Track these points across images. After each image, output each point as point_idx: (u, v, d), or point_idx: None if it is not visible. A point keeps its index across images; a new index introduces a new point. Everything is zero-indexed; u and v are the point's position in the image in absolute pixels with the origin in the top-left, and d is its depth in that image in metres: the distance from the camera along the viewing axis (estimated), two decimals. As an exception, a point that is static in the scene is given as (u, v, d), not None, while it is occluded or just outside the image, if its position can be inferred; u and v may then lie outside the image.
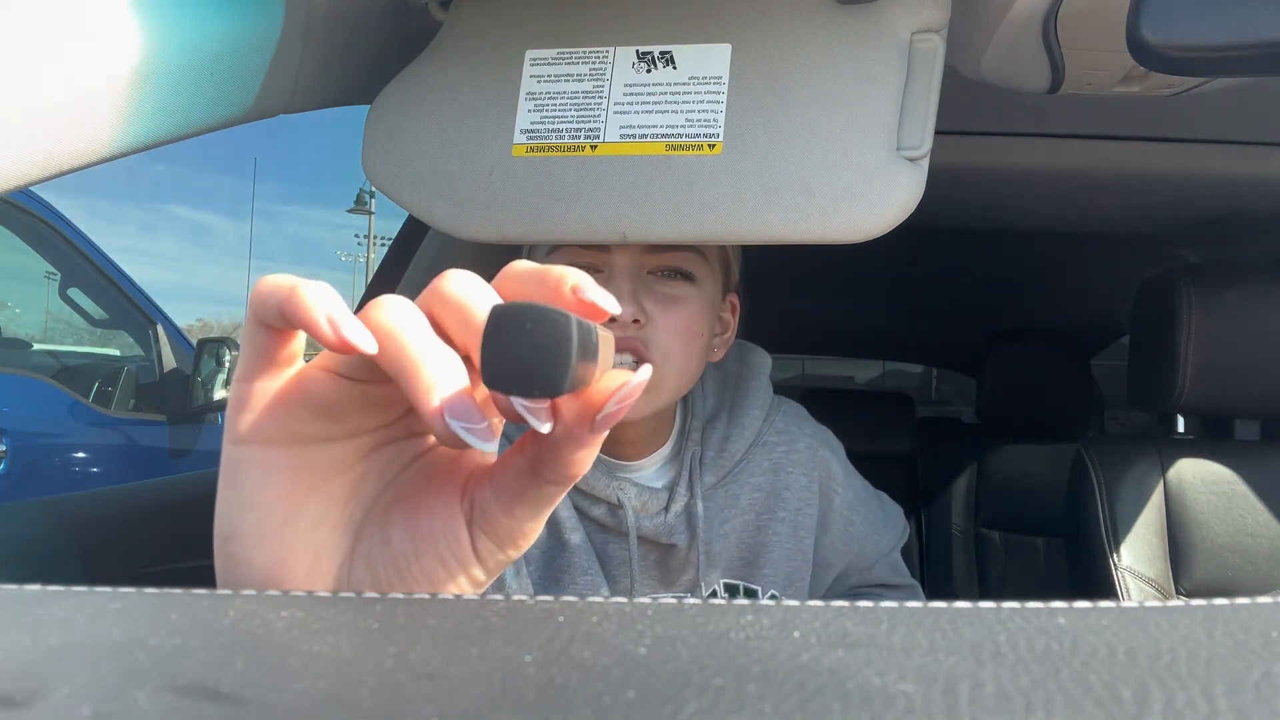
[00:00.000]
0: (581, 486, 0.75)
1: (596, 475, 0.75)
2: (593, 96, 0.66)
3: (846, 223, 0.60)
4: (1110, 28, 0.63)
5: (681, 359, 0.70)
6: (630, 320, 0.67)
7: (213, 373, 2.70)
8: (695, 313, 0.71)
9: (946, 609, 0.21)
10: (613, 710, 0.15)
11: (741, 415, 0.79)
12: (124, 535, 0.98)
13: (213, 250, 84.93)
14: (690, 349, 0.71)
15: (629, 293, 0.67)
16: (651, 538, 0.75)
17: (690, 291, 0.71)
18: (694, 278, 0.71)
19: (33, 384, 2.57)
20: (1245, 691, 0.16)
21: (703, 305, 0.72)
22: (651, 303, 0.69)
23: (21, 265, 2.87)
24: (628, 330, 0.67)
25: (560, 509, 0.77)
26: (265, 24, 0.60)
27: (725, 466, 0.78)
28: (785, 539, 0.78)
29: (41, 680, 0.17)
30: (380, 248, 25.34)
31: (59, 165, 0.48)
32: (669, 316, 0.69)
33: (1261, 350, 1.15)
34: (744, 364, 0.83)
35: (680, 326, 0.69)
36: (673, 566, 0.76)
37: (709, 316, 0.73)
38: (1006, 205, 1.41)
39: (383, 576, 0.29)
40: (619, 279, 0.68)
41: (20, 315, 3.27)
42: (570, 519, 0.75)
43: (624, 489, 0.75)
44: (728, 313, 0.80)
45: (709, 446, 0.78)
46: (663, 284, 0.70)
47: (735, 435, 0.78)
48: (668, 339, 0.69)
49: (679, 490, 0.76)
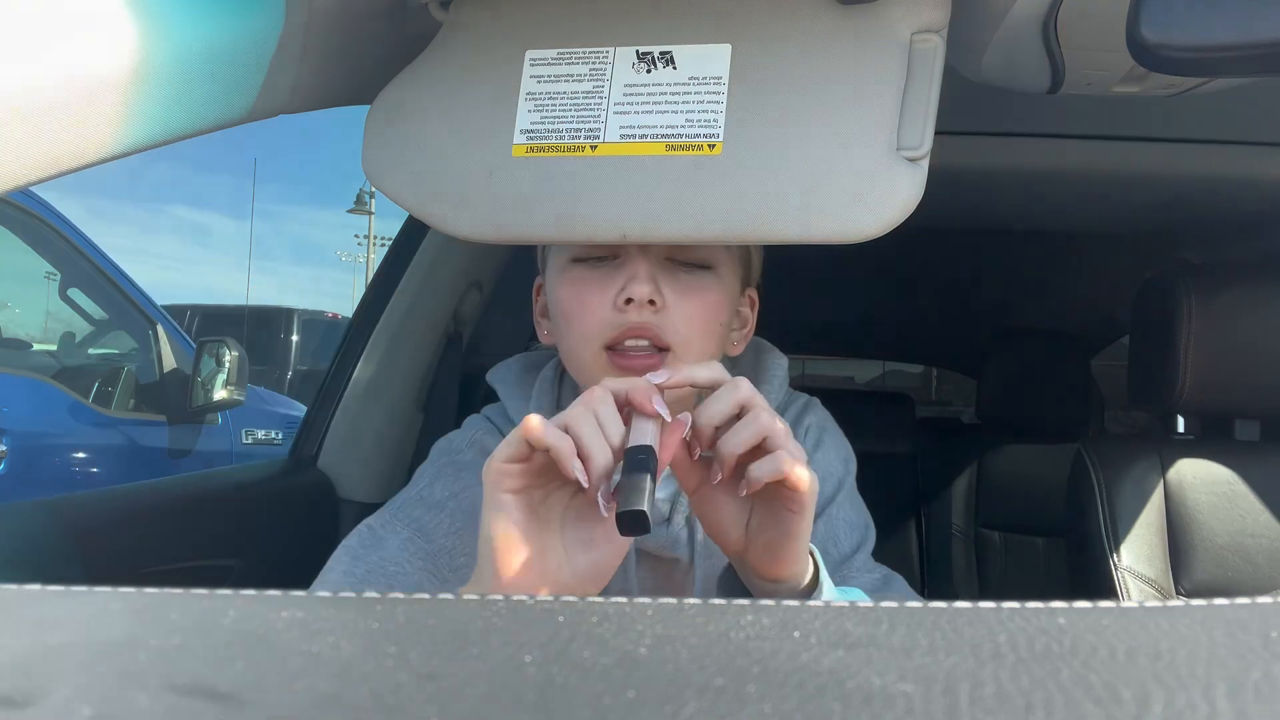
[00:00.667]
0: None
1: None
2: (593, 96, 0.66)
3: (846, 223, 0.60)
4: (1110, 28, 0.63)
5: (699, 346, 0.68)
6: (646, 300, 0.65)
7: (213, 373, 2.70)
8: (713, 302, 0.69)
9: (946, 609, 0.21)
10: (613, 710, 0.15)
11: None
12: (124, 535, 0.98)
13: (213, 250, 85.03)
14: (708, 337, 0.69)
15: (646, 274, 0.66)
16: (653, 551, 0.73)
17: (709, 281, 0.69)
18: (713, 266, 0.70)
19: (33, 384, 2.57)
20: (1245, 691, 0.16)
21: (722, 295, 0.70)
22: (670, 289, 0.67)
23: (21, 265, 2.87)
24: (644, 314, 0.65)
25: None
26: (265, 24, 0.60)
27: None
28: None
29: (41, 680, 0.17)
30: (380, 248, 25.33)
31: (59, 165, 0.48)
32: (687, 303, 0.68)
33: (1261, 350, 1.15)
34: (759, 366, 0.81)
35: (697, 314, 0.68)
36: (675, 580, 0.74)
37: (727, 307, 0.72)
38: (1006, 205, 1.41)
39: (581, 561, 0.53)
40: (636, 260, 0.66)
41: (20, 315, 3.27)
42: None
43: None
44: (746, 307, 0.78)
45: None
46: (682, 271, 0.69)
47: None
48: (685, 325, 0.67)
49: (680, 501, 0.73)
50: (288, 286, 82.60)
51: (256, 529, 1.18)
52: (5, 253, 2.79)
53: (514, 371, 0.81)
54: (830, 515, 0.76)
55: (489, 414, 0.80)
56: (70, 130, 0.48)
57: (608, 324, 0.66)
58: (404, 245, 1.43)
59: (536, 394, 0.77)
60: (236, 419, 3.15)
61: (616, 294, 0.66)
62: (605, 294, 0.67)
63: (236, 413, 3.04)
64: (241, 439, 3.21)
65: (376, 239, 27.10)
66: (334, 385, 1.38)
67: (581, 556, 0.53)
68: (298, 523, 1.24)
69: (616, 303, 0.66)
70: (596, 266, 0.69)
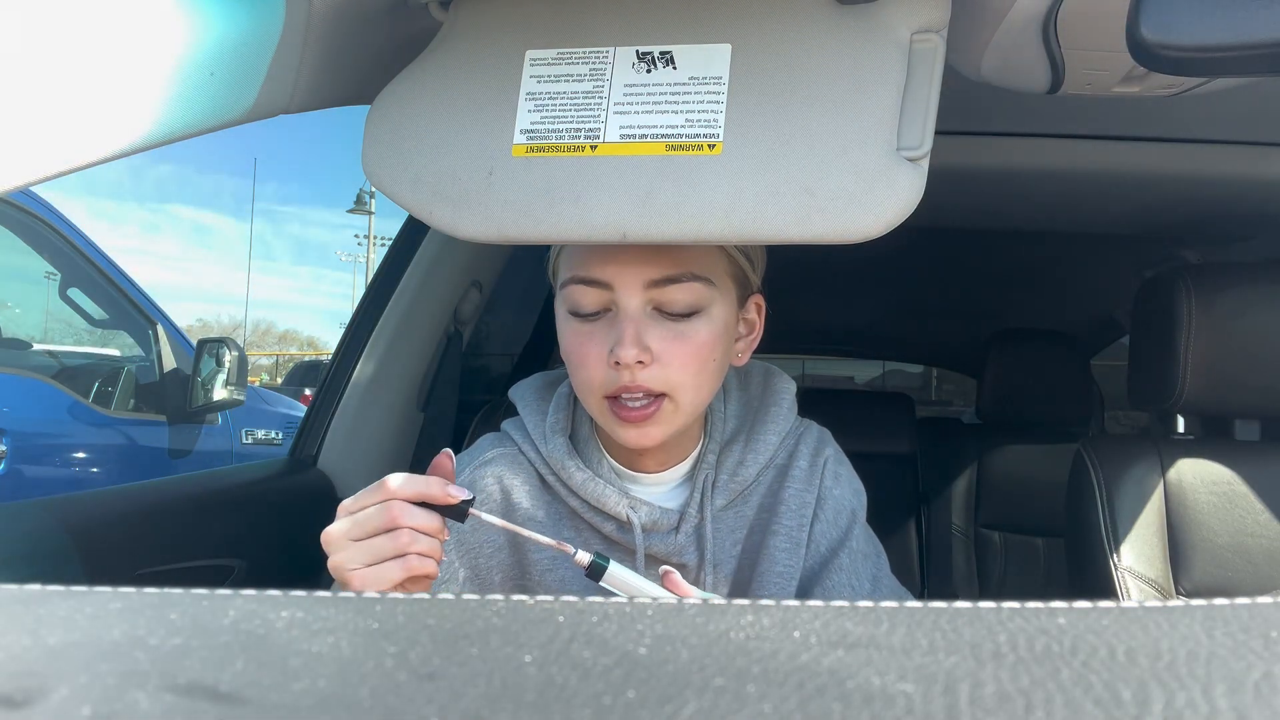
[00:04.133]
0: (593, 502, 0.76)
1: (609, 491, 0.76)
2: (593, 96, 0.66)
3: (846, 223, 0.60)
4: (1110, 28, 0.63)
5: (694, 387, 0.71)
6: (634, 362, 0.68)
7: (213, 373, 2.70)
8: (703, 344, 0.71)
9: (946, 609, 0.21)
10: (613, 710, 0.15)
11: (758, 440, 0.80)
12: (124, 535, 0.98)
13: (214, 250, 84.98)
14: (702, 375, 0.72)
15: (631, 337, 0.68)
16: (661, 557, 0.75)
17: (698, 324, 0.71)
18: (702, 309, 0.71)
19: (33, 384, 2.57)
20: (1245, 691, 0.16)
21: (712, 333, 0.72)
22: (658, 340, 0.69)
23: (21, 265, 2.87)
24: (635, 373, 0.68)
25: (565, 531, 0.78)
26: (265, 24, 0.60)
27: (737, 489, 0.78)
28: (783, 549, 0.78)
29: (41, 680, 0.17)
30: (380, 248, 25.35)
31: (59, 165, 0.48)
32: (676, 351, 0.70)
33: (1261, 350, 1.15)
34: (767, 388, 0.84)
35: (688, 359, 0.70)
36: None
37: (721, 339, 0.73)
38: (1006, 205, 1.41)
39: None
40: (623, 322, 0.69)
41: (20, 315, 3.27)
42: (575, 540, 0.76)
43: (635, 507, 0.75)
44: (753, 314, 0.80)
45: (723, 470, 0.79)
46: (670, 320, 0.70)
47: (750, 459, 0.79)
48: (677, 373, 0.70)
49: (690, 511, 0.77)
50: (288, 286, 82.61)
51: (256, 529, 1.18)
52: (5, 253, 2.79)
53: (533, 389, 0.85)
54: (851, 548, 0.79)
55: (509, 428, 0.84)
56: (70, 130, 0.48)
57: (605, 380, 0.70)
58: (404, 245, 1.43)
59: (553, 409, 0.81)
60: (236, 419, 3.15)
61: (609, 353, 0.69)
62: (601, 349, 0.70)
63: (236, 413, 3.04)
64: (241, 439, 3.21)
65: (376, 239, 27.13)
66: (334, 385, 1.38)
67: None
68: (298, 523, 1.24)
69: (609, 361, 0.69)
70: (591, 320, 0.72)
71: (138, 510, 1.03)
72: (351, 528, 0.57)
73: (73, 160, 0.48)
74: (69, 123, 0.47)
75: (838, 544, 0.79)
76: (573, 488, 0.76)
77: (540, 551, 0.76)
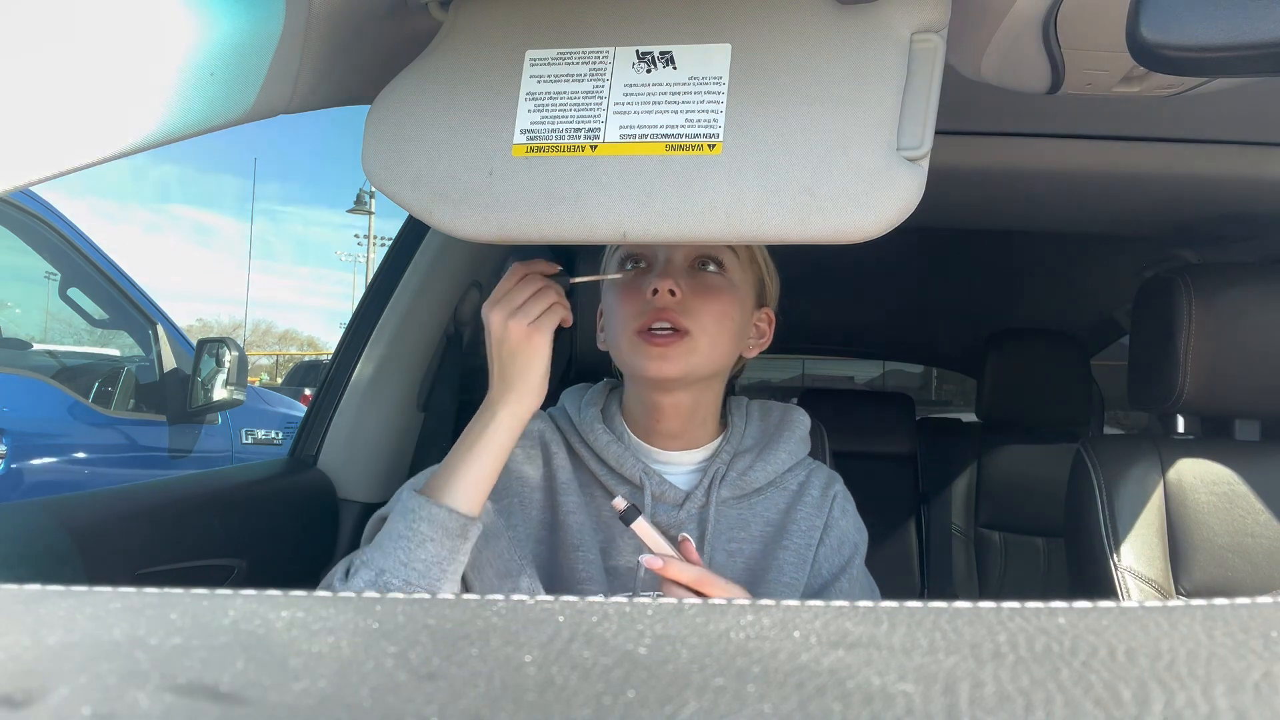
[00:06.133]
0: (612, 464, 0.86)
1: (627, 457, 0.86)
2: (593, 96, 0.66)
3: (846, 223, 0.60)
4: (1110, 28, 0.63)
5: (714, 332, 0.83)
6: (668, 291, 0.80)
7: (213, 373, 2.70)
8: (726, 298, 0.84)
9: (946, 609, 0.21)
10: (613, 710, 0.15)
11: (770, 455, 0.90)
12: (124, 535, 0.98)
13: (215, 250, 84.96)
14: (721, 326, 0.83)
15: (669, 273, 0.82)
16: (663, 530, 0.79)
17: (722, 281, 0.84)
18: (724, 266, 0.85)
19: (33, 384, 2.57)
20: (1245, 691, 0.16)
21: (734, 295, 0.85)
22: (689, 285, 0.82)
23: (21, 265, 2.87)
24: (668, 302, 0.81)
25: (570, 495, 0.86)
26: (265, 24, 0.60)
27: (743, 489, 0.87)
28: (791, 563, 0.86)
29: (41, 680, 0.17)
30: (380, 248, 25.36)
31: (59, 165, 0.48)
32: (703, 298, 0.82)
33: (1261, 350, 1.15)
34: (785, 418, 0.96)
35: (712, 306, 0.83)
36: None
37: (740, 307, 0.86)
38: (1007, 205, 1.41)
39: None
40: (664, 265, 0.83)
41: (20, 315, 3.27)
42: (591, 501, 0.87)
43: (649, 474, 0.85)
44: (763, 321, 0.92)
45: (734, 468, 0.88)
46: (699, 274, 0.84)
47: (759, 467, 0.88)
48: (701, 314, 0.82)
49: (696, 494, 0.86)
50: (288, 286, 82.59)
51: (257, 529, 1.18)
52: (5, 253, 2.79)
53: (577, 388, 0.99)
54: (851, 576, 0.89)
55: (552, 412, 0.96)
56: (70, 130, 0.48)
57: (640, 311, 0.82)
58: (404, 245, 1.43)
59: (590, 393, 0.94)
60: (236, 419, 3.15)
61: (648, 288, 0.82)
62: (642, 289, 0.82)
63: (236, 413, 3.05)
64: (241, 439, 3.21)
65: (376, 239, 27.14)
66: (334, 385, 1.38)
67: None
68: (298, 523, 1.24)
69: (646, 294, 0.81)
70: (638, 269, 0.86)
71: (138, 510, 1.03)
72: (506, 303, 0.75)
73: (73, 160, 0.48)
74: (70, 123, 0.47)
75: (839, 571, 0.88)
76: (596, 449, 0.87)
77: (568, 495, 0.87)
